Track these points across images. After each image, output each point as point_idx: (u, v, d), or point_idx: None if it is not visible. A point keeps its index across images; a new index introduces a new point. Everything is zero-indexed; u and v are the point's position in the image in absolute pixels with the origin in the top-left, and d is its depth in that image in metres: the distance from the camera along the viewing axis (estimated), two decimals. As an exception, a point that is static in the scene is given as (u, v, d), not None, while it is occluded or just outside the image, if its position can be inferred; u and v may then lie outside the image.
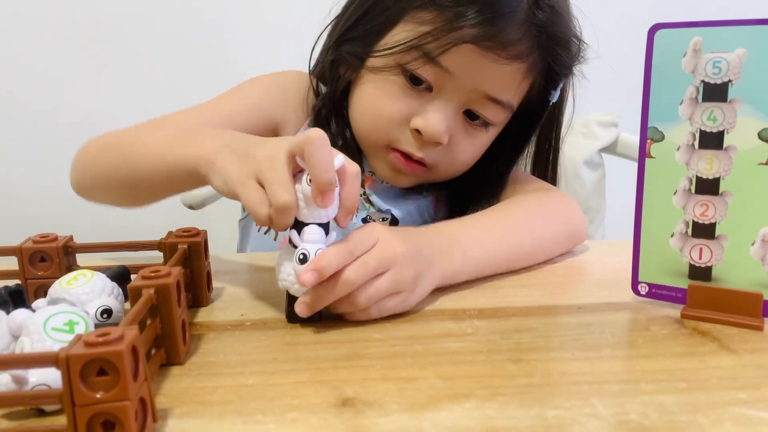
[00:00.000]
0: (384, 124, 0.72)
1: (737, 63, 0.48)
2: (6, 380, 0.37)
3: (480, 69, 0.67)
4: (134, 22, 1.39)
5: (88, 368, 0.33)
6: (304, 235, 0.50)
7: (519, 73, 0.69)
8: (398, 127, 0.71)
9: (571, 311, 0.54)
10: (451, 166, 0.75)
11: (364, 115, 0.74)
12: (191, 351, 0.48)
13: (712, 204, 0.51)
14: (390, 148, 0.73)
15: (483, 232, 0.64)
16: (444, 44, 0.65)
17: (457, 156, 0.74)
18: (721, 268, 0.51)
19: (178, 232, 0.57)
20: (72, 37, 1.39)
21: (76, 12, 1.38)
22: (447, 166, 0.74)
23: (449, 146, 0.72)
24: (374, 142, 0.74)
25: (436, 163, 0.73)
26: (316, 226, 0.50)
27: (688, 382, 0.42)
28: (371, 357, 0.46)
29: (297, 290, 0.51)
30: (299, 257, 0.49)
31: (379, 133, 0.73)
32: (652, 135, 0.52)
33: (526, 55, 0.67)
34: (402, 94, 0.70)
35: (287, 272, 0.50)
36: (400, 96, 0.70)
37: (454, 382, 0.42)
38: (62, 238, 0.56)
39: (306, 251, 0.49)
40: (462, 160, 0.75)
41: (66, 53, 1.40)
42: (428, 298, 0.57)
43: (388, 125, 0.71)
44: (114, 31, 1.40)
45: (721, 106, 0.49)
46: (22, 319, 0.41)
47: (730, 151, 0.50)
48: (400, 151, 0.72)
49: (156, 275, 0.45)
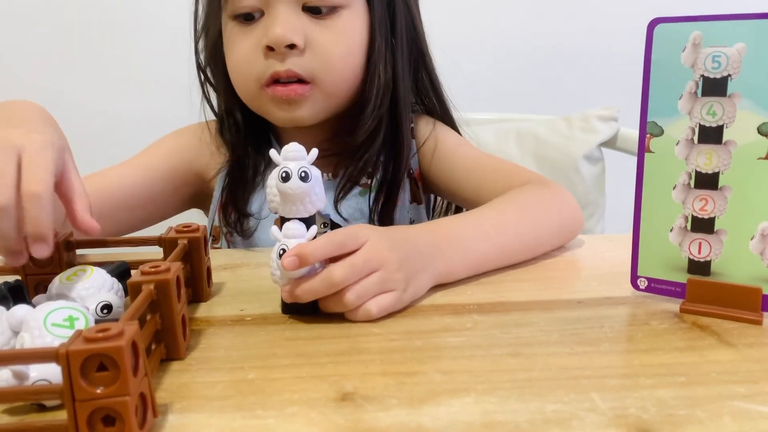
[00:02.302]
0: (243, 65, 0.75)
1: (737, 57, 0.48)
2: (6, 376, 0.37)
3: None
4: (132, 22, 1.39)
5: (89, 364, 0.34)
6: (284, 230, 0.50)
7: None
8: (256, 60, 0.74)
9: (571, 306, 0.54)
10: (328, 67, 0.74)
11: (233, 75, 0.78)
12: (191, 346, 0.48)
13: (712, 198, 0.51)
14: (264, 86, 0.74)
15: (478, 228, 0.64)
16: None
17: (326, 53, 0.74)
18: (721, 263, 0.51)
19: (178, 227, 0.57)
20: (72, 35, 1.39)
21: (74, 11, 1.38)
22: (325, 70, 0.74)
23: (311, 48, 0.73)
24: (251, 91, 0.76)
25: (313, 72, 0.74)
26: (296, 221, 0.51)
27: (687, 376, 0.42)
28: (370, 352, 0.46)
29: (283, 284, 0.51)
30: (279, 252, 0.50)
31: (248, 78, 0.75)
32: (652, 130, 0.52)
33: None
34: (244, 35, 0.74)
35: (275, 266, 0.51)
36: (243, 36, 0.75)
37: (453, 377, 0.42)
38: (62, 234, 0.56)
39: (286, 246, 0.49)
40: (335, 54, 0.74)
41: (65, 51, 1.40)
42: (427, 293, 0.57)
43: (246, 65, 0.75)
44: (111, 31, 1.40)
45: (720, 101, 0.49)
46: (22, 315, 0.41)
47: (729, 145, 0.50)
48: (272, 83, 0.74)
49: (156, 271, 0.45)
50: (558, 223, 0.70)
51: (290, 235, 0.50)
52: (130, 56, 1.41)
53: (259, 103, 0.77)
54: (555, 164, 1.11)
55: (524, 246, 0.66)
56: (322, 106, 0.77)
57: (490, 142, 1.12)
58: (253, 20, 0.74)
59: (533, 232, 0.67)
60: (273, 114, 0.77)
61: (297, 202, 0.51)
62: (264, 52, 0.73)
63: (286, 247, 0.50)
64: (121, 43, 1.40)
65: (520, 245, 0.65)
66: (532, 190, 0.73)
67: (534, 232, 0.67)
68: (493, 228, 0.64)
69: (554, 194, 0.73)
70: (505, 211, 0.68)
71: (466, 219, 0.67)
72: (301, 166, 0.50)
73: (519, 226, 0.66)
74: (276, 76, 0.73)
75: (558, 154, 1.11)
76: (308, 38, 0.72)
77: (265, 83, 0.74)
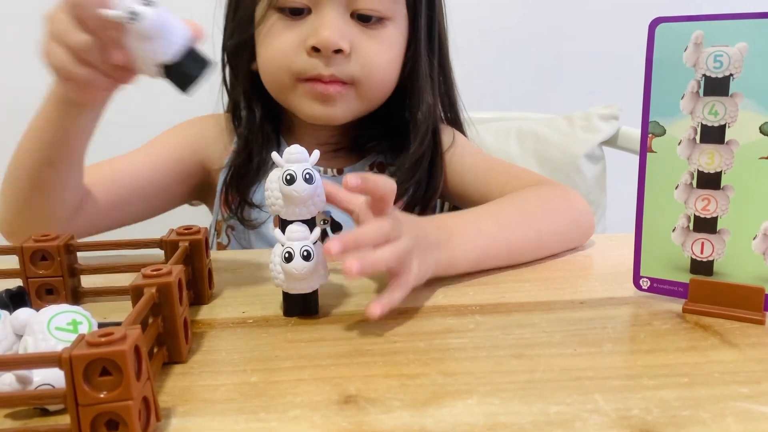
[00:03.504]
0: (281, 57, 0.74)
1: (738, 57, 0.48)
2: (10, 380, 0.37)
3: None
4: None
5: (92, 368, 0.34)
6: (288, 233, 0.50)
7: None
8: (297, 56, 0.73)
9: (573, 306, 0.54)
10: (369, 74, 0.76)
11: (266, 65, 0.77)
12: (193, 349, 0.48)
13: (714, 198, 0.51)
14: (300, 80, 0.75)
15: (482, 220, 0.64)
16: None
17: (370, 61, 0.75)
18: (723, 263, 0.51)
19: (179, 229, 0.57)
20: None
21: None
22: (366, 76, 0.75)
23: (356, 54, 0.74)
24: (284, 83, 0.76)
25: (354, 77, 0.75)
26: (299, 223, 0.51)
27: (690, 376, 0.42)
28: (373, 354, 0.46)
29: (287, 288, 0.51)
30: (284, 256, 0.49)
31: (283, 71, 0.75)
32: (654, 129, 0.52)
33: None
34: (287, 28, 0.74)
35: (278, 270, 0.51)
36: (287, 30, 0.74)
37: (456, 379, 0.42)
38: (63, 237, 0.56)
39: (291, 249, 0.49)
40: (378, 63, 0.76)
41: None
42: (429, 293, 0.57)
43: (285, 58, 0.74)
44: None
45: (722, 100, 0.49)
46: (25, 318, 0.41)
47: (731, 145, 0.50)
48: (310, 79, 0.74)
49: (158, 274, 0.45)
50: (564, 223, 0.70)
51: (294, 238, 0.50)
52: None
53: (290, 95, 0.77)
54: (556, 163, 1.11)
55: (526, 242, 0.65)
56: (355, 107, 0.78)
57: (491, 141, 1.12)
58: (300, 15, 0.73)
59: (537, 230, 0.67)
60: (304, 108, 0.77)
61: (301, 204, 0.51)
62: (308, 50, 0.73)
63: (291, 250, 0.49)
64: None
65: (523, 242, 0.65)
66: (538, 191, 0.73)
67: (538, 231, 0.67)
68: (494, 223, 0.64)
69: (561, 196, 0.72)
70: (508, 208, 0.68)
71: (468, 213, 0.67)
72: (305, 169, 0.50)
73: (522, 224, 0.66)
74: (318, 78, 0.73)
75: (559, 152, 1.11)
76: (354, 45, 0.73)
77: (300, 78, 0.74)
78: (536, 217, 0.68)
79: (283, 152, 0.51)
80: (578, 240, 0.71)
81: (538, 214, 0.68)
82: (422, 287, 0.58)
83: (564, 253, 0.69)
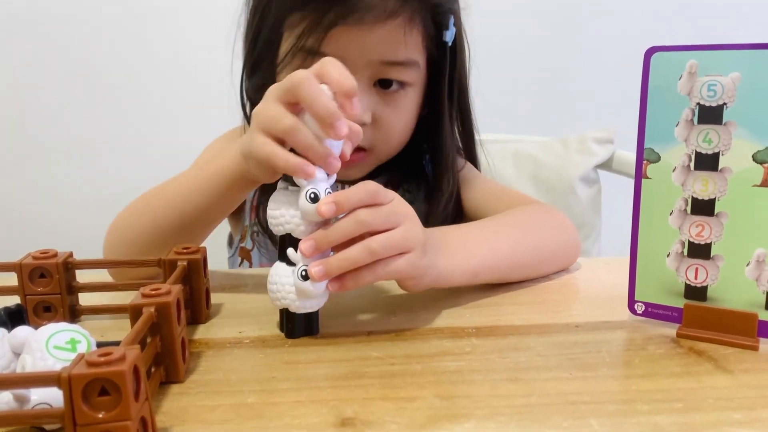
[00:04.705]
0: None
1: (732, 86, 0.49)
2: (7, 398, 0.37)
3: (361, 42, 0.69)
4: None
5: (90, 388, 0.34)
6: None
7: (399, 28, 0.70)
8: None
9: (568, 330, 0.55)
10: (388, 140, 0.77)
11: None
12: (190, 369, 0.48)
13: (708, 224, 0.52)
14: None
15: (478, 234, 0.65)
16: (318, 35, 0.68)
17: (389, 129, 0.76)
18: (717, 288, 0.52)
19: (178, 248, 0.57)
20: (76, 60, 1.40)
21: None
22: (384, 142, 0.76)
23: (376, 123, 0.74)
24: None
25: (373, 144, 0.75)
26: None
27: (684, 402, 0.42)
28: (370, 376, 0.46)
29: (297, 307, 0.51)
30: (301, 274, 0.50)
31: None
32: (649, 156, 0.53)
33: (398, 10, 0.69)
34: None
35: (287, 290, 0.51)
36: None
37: (452, 402, 0.43)
38: (62, 254, 0.56)
39: (307, 266, 0.50)
40: (396, 130, 0.77)
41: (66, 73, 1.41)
42: (426, 315, 0.57)
43: None
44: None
45: (716, 129, 0.50)
46: (23, 336, 0.41)
47: (725, 172, 0.50)
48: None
49: (156, 293, 0.46)
50: (556, 238, 0.71)
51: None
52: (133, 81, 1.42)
53: None
54: (551, 185, 1.12)
55: (523, 257, 0.66)
56: (373, 165, 0.80)
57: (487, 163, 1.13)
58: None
59: (533, 244, 0.68)
60: None
61: (322, 223, 0.51)
62: None
63: (306, 269, 0.50)
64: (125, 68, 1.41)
65: (520, 256, 0.66)
66: (531, 208, 0.75)
67: (534, 245, 0.68)
68: (492, 235, 0.65)
69: (553, 216, 0.74)
70: (506, 224, 0.69)
71: (467, 225, 0.68)
72: (326, 188, 0.50)
73: (518, 239, 0.67)
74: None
75: (554, 175, 1.12)
76: (375, 115, 0.74)
77: None
78: (532, 234, 0.69)
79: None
80: (566, 259, 0.72)
81: (534, 231, 0.70)
82: (419, 309, 0.59)
83: (560, 276, 0.69)
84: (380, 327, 0.56)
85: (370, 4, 0.67)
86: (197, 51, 1.38)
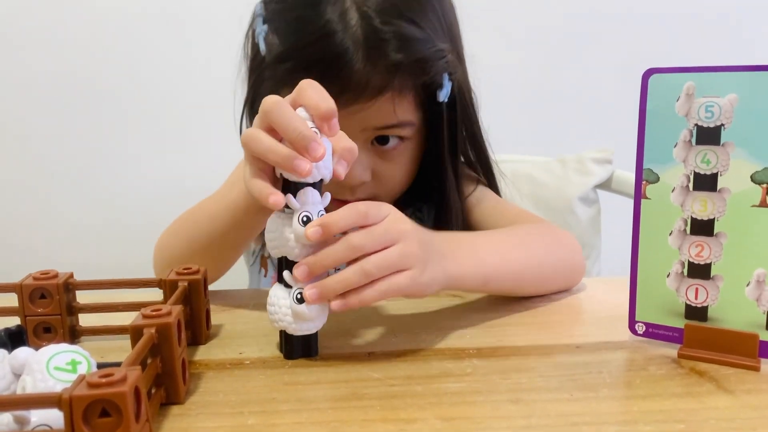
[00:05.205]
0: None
1: (729, 108, 0.49)
2: (8, 420, 0.37)
3: (352, 117, 0.69)
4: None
5: (91, 409, 0.34)
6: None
7: (389, 101, 0.70)
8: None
9: (569, 350, 0.55)
10: (389, 190, 0.78)
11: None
12: (191, 390, 0.48)
13: (707, 245, 0.52)
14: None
15: (489, 241, 0.65)
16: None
17: (389, 181, 0.77)
18: (717, 308, 0.52)
19: (179, 269, 0.57)
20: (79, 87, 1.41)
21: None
22: (386, 192, 0.77)
23: (377, 178, 0.75)
24: None
25: (376, 195, 0.76)
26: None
27: (686, 422, 0.42)
28: (370, 397, 0.46)
29: (294, 329, 0.51)
30: (296, 297, 0.50)
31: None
32: (648, 176, 0.53)
33: (386, 86, 0.68)
34: None
35: (284, 312, 0.51)
36: None
37: (453, 424, 0.42)
38: (63, 275, 0.56)
39: (302, 288, 0.50)
40: (397, 182, 0.78)
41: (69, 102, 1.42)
42: (426, 336, 0.57)
43: None
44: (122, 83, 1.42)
45: (714, 149, 0.50)
46: (24, 358, 0.41)
47: (723, 193, 0.51)
48: (337, 200, 0.72)
49: (157, 314, 0.46)
50: (562, 257, 0.71)
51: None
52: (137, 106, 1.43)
53: None
54: (550, 205, 1.12)
55: (531, 269, 0.66)
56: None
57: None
58: None
59: (539, 258, 0.68)
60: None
61: (318, 245, 0.51)
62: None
63: (303, 288, 0.50)
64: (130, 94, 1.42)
65: (528, 268, 0.66)
66: (539, 225, 0.76)
67: (540, 262, 0.68)
68: (502, 243, 0.65)
69: (560, 233, 0.74)
70: (515, 236, 0.69)
71: (476, 233, 0.68)
72: (319, 211, 0.50)
73: (527, 253, 0.67)
74: (344, 200, 0.73)
75: (553, 195, 1.12)
76: (375, 171, 0.75)
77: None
78: (539, 248, 0.69)
79: (298, 195, 0.51)
80: (574, 277, 0.72)
81: (540, 246, 0.70)
82: (420, 329, 0.59)
83: (561, 296, 0.69)
84: (381, 348, 0.56)
85: (359, 87, 0.67)
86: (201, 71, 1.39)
